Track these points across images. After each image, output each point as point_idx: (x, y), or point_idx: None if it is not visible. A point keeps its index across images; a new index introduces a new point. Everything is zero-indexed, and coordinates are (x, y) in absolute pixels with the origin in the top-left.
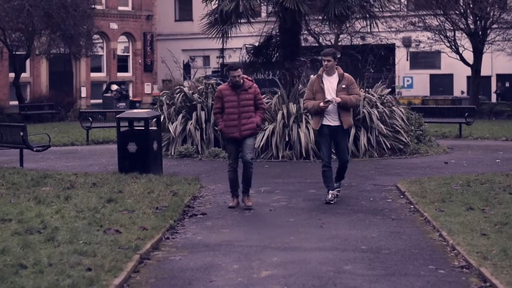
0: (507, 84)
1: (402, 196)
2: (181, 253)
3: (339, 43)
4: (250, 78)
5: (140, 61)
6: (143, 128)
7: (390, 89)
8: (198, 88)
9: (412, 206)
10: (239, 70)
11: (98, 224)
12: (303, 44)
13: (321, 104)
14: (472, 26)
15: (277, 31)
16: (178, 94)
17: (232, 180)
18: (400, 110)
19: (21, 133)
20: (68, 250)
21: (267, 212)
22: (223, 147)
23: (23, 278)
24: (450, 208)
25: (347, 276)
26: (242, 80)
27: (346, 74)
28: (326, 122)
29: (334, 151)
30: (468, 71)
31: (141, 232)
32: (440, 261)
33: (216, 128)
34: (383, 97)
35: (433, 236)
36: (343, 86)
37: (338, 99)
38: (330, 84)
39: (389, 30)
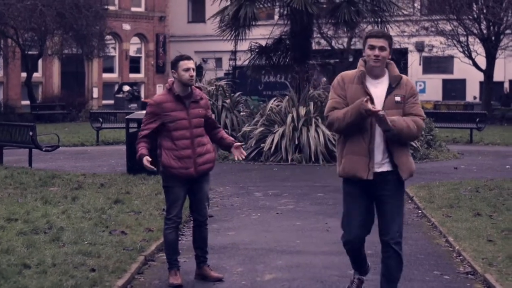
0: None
1: (410, 201)
2: (186, 255)
3: (352, 47)
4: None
5: (152, 62)
6: None
7: None
8: (208, 89)
9: (419, 211)
10: (192, 61)
11: (104, 225)
12: (315, 48)
13: (371, 107)
14: (485, 31)
15: (288, 34)
16: None
17: (172, 243)
18: None
19: (30, 133)
20: (72, 251)
21: (274, 215)
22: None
23: (26, 278)
24: (458, 214)
25: None
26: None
27: (404, 77)
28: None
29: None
30: (481, 76)
31: (147, 233)
32: (446, 267)
33: (139, 160)
34: None
35: (440, 242)
36: (397, 98)
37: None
38: (375, 92)
39: (402, 34)
